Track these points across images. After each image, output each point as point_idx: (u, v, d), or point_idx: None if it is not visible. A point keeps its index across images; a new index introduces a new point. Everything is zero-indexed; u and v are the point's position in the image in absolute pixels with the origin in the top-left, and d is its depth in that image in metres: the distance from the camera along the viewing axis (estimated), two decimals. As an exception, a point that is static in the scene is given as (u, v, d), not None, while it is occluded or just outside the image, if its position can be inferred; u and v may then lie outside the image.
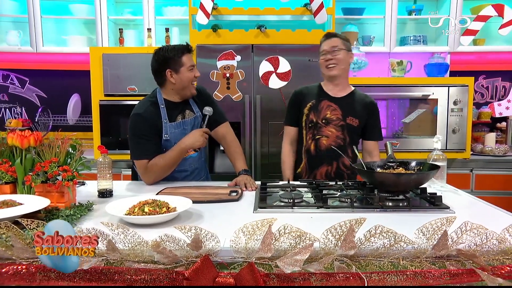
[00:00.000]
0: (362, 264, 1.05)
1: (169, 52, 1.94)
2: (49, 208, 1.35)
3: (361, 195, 1.65)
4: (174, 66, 1.94)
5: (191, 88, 2.01)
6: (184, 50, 1.96)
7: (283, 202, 1.57)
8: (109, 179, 1.70)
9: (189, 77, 1.96)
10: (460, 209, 1.48)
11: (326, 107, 2.10)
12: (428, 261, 1.06)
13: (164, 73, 1.95)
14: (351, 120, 2.09)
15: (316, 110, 2.11)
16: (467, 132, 3.07)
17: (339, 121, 2.08)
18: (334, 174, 2.10)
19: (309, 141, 2.13)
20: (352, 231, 1.03)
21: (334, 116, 2.09)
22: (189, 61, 1.96)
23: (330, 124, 2.09)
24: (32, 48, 3.29)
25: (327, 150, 2.08)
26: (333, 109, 2.10)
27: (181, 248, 1.04)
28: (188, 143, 1.92)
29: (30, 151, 1.57)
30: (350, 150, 2.05)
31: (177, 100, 2.03)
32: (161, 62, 1.94)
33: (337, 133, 2.08)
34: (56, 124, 3.46)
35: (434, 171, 1.61)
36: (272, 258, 1.03)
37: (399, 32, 3.39)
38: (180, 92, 2.00)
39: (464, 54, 3.42)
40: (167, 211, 1.32)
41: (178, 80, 1.95)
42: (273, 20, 3.17)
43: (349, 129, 2.09)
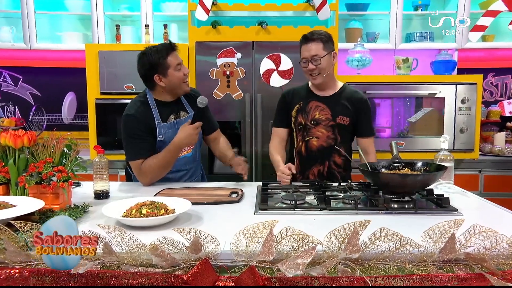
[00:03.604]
0: (366, 268, 1.05)
1: (153, 56, 1.92)
2: (44, 210, 1.35)
3: (366, 196, 1.65)
4: (161, 70, 1.94)
5: (183, 86, 2.01)
6: (168, 50, 1.95)
7: (285, 203, 1.57)
8: (106, 180, 1.70)
9: (178, 77, 1.97)
10: (468, 211, 1.47)
11: (314, 108, 2.12)
12: (435, 265, 1.05)
13: (152, 78, 1.96)
14: (341, 119, 2.09)
15: (304, 112, 2.13)
16: (475, 131, 3.06)
17: (329, 121, 2.10)
18: (327, 173, 2.12)
19: (300, 143, 2.16)
20: (356, 233, 1.03)
21: (323, 116, 2.10)
22: (175, 60, 1.95)
23: (319, 124, 2.11)
24: (26, 45, 3.29)
25: (318, 150, 2.11)
26: (322, 109, 2.11)
27: (180, 251, 1.04)
28: (182, 142, 1.93)
29: (24, 151, 1.57)
30: (343, 149, 2.08)
31: (169, 99, 2.04)
32: (147, 68, 1.95)
33: (327, 134, 2.10)
34: (50, 123, 3.46)
35: (441, 172, 1.61)
36: (273, 262, 1.03)
37: (405, 29, 3.39)
38: (172, 92, 2.02)
39: (473, 51, 3.42)
40: (165, 213, 1.32)
41: (167, 82, 1.96)
42: (275, 16, 3.18)
43: (340, 128, 2.10)
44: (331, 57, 2.06)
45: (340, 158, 2.11)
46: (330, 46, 2.06)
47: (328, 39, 2.06)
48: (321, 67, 2.03)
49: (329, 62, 2.06)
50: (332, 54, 2.06)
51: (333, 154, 2.11)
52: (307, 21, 3.07)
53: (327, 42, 2.05)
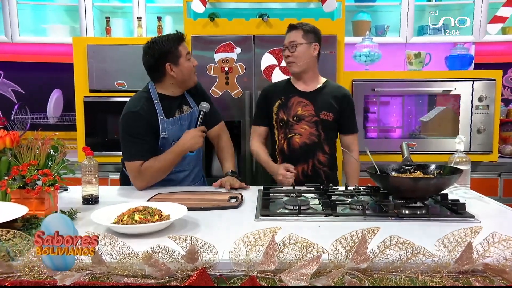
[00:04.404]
0: (375, 279, 1.05)
1: (165, 44, 1.97)
2: (27, 217, 1.35)
3: (374, 201, 1.65)
4: (173, 58, 1.98)
5: (194, 77, 2.07)
6: (179, 39, 2.01)
7: (287, 209, 1.57)
8: (95, 184, 1.70)
9: (188, 67, 2.02)
10: (486, 219, 1.47)
11: (296, 103, 2.18)
12: (450, 276, 1.05)
13: (163, 67, 1.99)
14: (325, 115, 2.16)
15: (286, 108, 2.19)
16: (494, 132, 3.06)
17: (312, 117, 2.15)
18: (311, 172, 2.18)
19: (282, 141, 2.21)
20: (364, 241, 1.03)
21: (306, 112, 2.16)
22: (185, 50, 2.02)
23: (302, 121, 2.16)
24: (7, 38, 3.30)
25: (301, 148, 2.17)
26: (305, 105, 2.17)
27: (175, 261, 1.04)
28: (187, 146, 1.96)
29: (6, 153, 1.57)
30: (327, 147, 2.17)
31: (176, 93, 2.07)
32: (158, 57, 1.98)
33: (310, 130, 2.16)
34: (35, 122, 3.47)
35: (456, 176, 1.61)
36: (275, 272, 1.04)
37: (417, 21, 3.39)
38: (182, 84, 2.05)
39: (491, 44, 3.42)
40: (159, 219, 1.33)
41: (179, 72, 2.00)
42: (277, 8, 3.18)
43: (323, 124, 2.16)
44: (311, 49, 2.13)
45: (324, 156, 2.18)
46: (312, 37, 2.14)
47: (311, 30, 2.15)
48: (296, 55, 2.11)
49: (307, 53, 2.13)
50: (313, 45, 2.13)
51: (317, 152, 2.18)
52: (311, 13, 3.08)
53: (309, 33, 2.13)
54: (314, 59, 2.17)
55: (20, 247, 1.07)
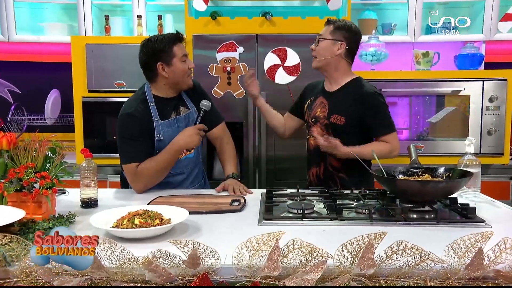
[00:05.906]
0: (382, 285, 1.05)
1: (159, 43, 1.97)
2: (24, 221, 1.35)
3: (381, 205, 1.65)
4: (165, 58, 1.98)
5: (187, 80, 2.05)
6: (175, 40, 2.00)
7: (291, 213, 1.57)
8: (94, 187, 1.71)
9: (182, 69, 2.01)
10: (497, 223, 1.47)
11: (319, 104, 2.17)
12: (460, 283, 1.05)
13: (155, 67, 1.99)
14: (335, 118, 2.07)
15: (310, 109, 2.21)
16: (505, 133, 3.05)
17: (324, 119, 2.13)
18: (323, 175, 2.15)
19: (306, 141, 2.27)
20: (371, 247, 1.03)
21: (321, 114, 2.15)
22: (181, 51, 2.00)
23: (317, 123, 2.16)
24: (3, 37, 3.32)
25: (314, 150, 2.17)
26: (323, 106, 2.15)
27: (176, 266, 1.04)
28: (182, 143, 1.95)
29: (3, 155, 1.57)
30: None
31: (170, 95, 2.07)
32: (150, 55, 1.98)
33: (322, 133, 2.11)
34: (32, 124, 3.48)
35: (466, 179, 1.61)
36: (279, 277, 1.04)
37: (425, 19, 3.39)
38: (174, 86, 2.05)
39: (503, 43, 3.40)
40: (160, 223, 1.33)
41: (170, 73, 1.99)
42: (280, 6, 3.19)
43: (333, 128, 2.08)
44: (335, 47, 2.06)
45: (337, 161, 2.07)
46: (340, 35, 2.07)
47: (342, 27, 2.08)
48: (318, 50, 2.10)
49: (329, 50, 2.07)
50: (338, 43, 2.06)
51: (328, 156, 2.09)
52: (316, 12, 3.08)
53: (339, 30, 2.07)
54: (337, 57, 2.08)
55: (17, 252, 1.07)
